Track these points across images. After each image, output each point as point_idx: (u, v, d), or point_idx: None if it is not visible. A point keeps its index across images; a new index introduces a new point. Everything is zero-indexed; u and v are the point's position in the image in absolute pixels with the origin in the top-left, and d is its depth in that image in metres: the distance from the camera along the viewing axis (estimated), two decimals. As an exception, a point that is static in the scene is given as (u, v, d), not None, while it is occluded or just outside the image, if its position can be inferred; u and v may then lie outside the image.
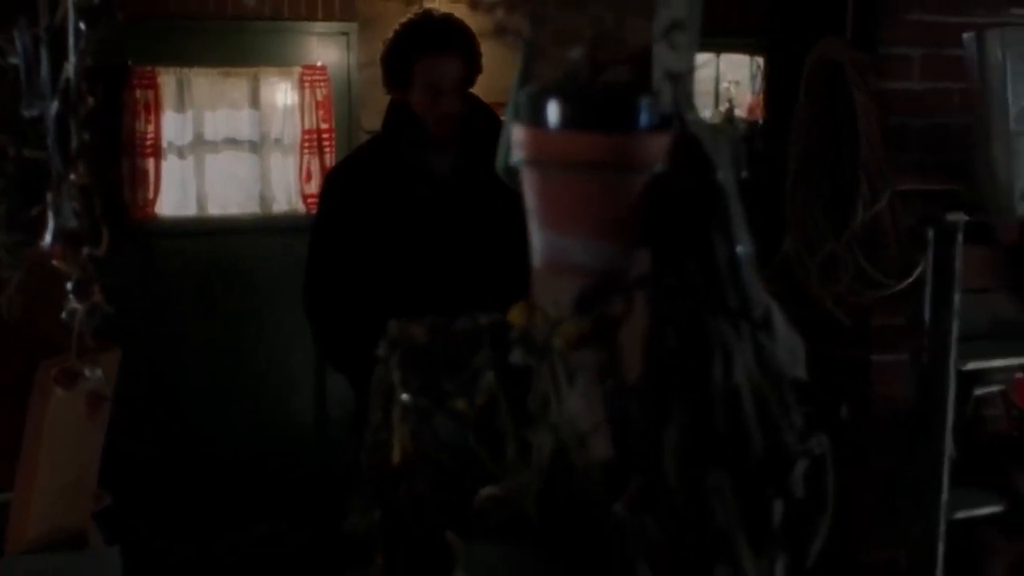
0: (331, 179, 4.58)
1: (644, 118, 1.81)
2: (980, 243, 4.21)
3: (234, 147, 7.27)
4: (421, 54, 4.13)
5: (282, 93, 7.29)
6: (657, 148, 1.82)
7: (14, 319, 2.76)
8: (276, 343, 7.16)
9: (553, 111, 1.81)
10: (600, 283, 1.87)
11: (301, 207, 7.26)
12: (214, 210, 7.27)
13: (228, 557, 6.82)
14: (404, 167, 4.18)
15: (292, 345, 7.12)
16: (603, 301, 1.88)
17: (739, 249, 1.85)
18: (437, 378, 2.01)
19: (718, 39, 7.97)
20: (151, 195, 6.92)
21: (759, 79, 8.50)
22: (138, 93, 6.84)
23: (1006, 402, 4.34)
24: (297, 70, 7.23)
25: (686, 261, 1.83)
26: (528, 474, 1.85)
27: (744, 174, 2.11)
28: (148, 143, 6.88)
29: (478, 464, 1.97)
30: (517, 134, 1.83)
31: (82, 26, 2.48)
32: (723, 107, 8.40)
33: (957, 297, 3.99)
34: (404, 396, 2.05)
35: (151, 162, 6.90)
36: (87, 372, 2.74)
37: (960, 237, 3.99)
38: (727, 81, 9.00)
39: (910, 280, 3.96)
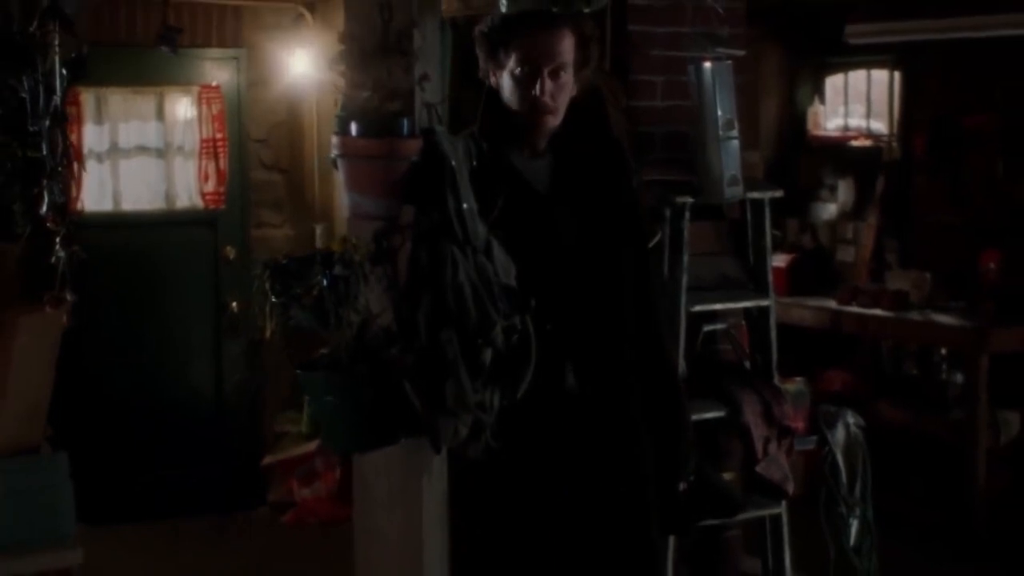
0: None
1: (405, 130, 2.98)
2: (712, 219, 5.21)
3: (144, 153, 7.81)
4: (524, 29, 3.31)
5: (183, 108, 7.84)
6: (413, 147, 2.96)
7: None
8: (180, 316, 7.77)
9: (353, 126, 2.99)
10: (387, 226, 3.04)
11: (200, 203, 7.84)
12: (127, 206, 7.79)
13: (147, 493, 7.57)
14: (503, 170, 3.33)
15: (194, 319, 7.76)
16: (389, 237, 3.05)
17: (464, 205, 3.01)
18: (291, 285, 3.14)
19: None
20: (75, 194, 7.19)
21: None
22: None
23: (731, 339, 5.36)
24: (196, 88, 7.80)
25: (431, 212, 2.98)
26: (342, 336, 3.00)
27: (475, 163, 3.29)
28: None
29: (314, 333, 3.14)
30: (333, 140, 3.01)
31: (64, 72, 3.56)
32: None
33: (686, 258, 4.91)
34: (272, 298, 3.19)
35: (75, 166, 7.48)
36: (68, 296, 3.70)
37: (687, 214, 4.89)
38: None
39: (651, 245, 4.93)
